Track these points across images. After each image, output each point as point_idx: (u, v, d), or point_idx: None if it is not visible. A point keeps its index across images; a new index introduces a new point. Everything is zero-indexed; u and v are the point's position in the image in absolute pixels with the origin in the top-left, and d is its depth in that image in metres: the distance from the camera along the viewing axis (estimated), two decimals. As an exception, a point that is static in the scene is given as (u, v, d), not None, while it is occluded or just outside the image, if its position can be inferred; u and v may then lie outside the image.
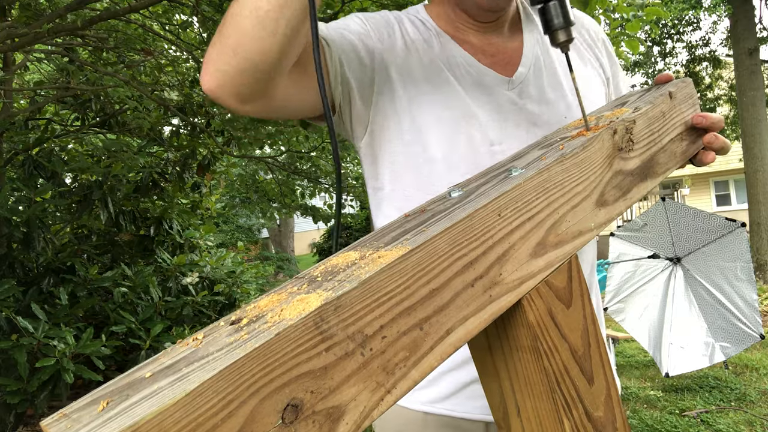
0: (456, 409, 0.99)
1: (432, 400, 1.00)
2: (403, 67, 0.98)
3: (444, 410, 0.99)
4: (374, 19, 1.02)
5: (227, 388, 0.34)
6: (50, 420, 0.33)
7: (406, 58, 0.99)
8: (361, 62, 0.95)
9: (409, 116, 0.96)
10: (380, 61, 0.97)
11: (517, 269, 0.55)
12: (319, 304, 0.40)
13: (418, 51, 1.00)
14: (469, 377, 0.98)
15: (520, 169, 0.61)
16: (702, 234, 4.35)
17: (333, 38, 0.93)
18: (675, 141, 0.79)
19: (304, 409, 0.38)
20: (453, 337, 0.49)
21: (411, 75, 0.98)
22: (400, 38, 1.01)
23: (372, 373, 0.42)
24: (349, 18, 1.01)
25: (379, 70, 0.97)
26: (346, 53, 0.93)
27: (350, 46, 0.94)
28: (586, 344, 0.62)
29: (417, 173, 0.97)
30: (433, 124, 0.96)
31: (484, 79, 0.98)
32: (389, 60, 0.98)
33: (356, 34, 0.97)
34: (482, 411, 0.98)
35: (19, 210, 3.78)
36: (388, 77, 0.97)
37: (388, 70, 0.97)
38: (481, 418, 0.98)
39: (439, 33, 1.03)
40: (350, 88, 0.95)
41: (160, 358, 0.38)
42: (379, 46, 0.98)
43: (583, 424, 0.60)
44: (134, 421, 0.31)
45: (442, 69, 0.98)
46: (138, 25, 4.41)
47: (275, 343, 0.37)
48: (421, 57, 0.99)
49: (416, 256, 0.47)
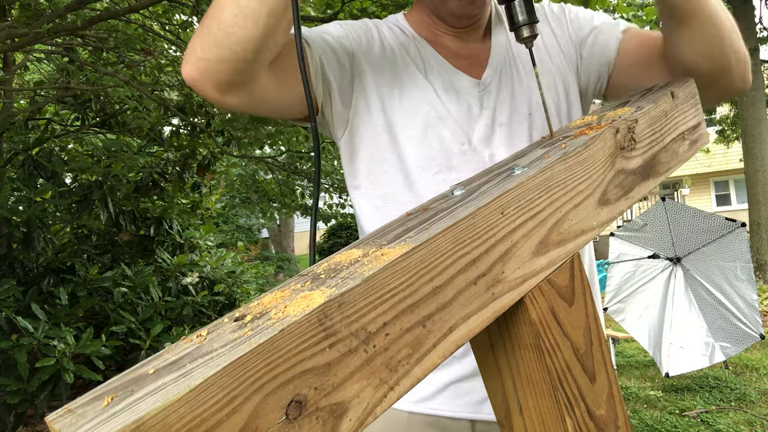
0: (440, 408, 0.99)
1: (416, 399, 1.00)
2: (378, 70, 1.02)
3: (428, 409, 1.00)
4: (353, 25, 1.06)
5: (231, 384, 0.34)
6: (55, 415, 0.33)
7: (382, 61, 1.03)
8: (340, 63, 0.99)
9: (383, 117, 1.00)
10: (357, 64, 1.01)
11: (520, 267, 0.55)
12: (323, 300, 0.40)
13: (395, 54, 1.04)
14: (453, 376, 0.99)
15: (522, 167, 0.61)
16: (702, 234, 4.36)
17: (313, 39, 0.96)
18: (677, 140, 0.79)
19: (307, 406, 0.38)
20: (456, 335, 0.49)
21: (386, 77, 1.02)
22: (378, 42, 1.05)
23: (375, 370, 0.42)
24: (328, 24, 1.05)
25: (356, 72, 1.01)
26: (326, 54, 0.97)
27: (330, 47, 0.98)
28: (588, 342, 0.62)
29: (392, 172, 1.01)
30: (406, 125, 1.00)
31: (455, 82, 1.03)
32: (366, 63, 1.02)
33: (335, 37, 1.00)
34: (467, 409, 0.99)
35: (19, 210, 3.78)
36: (364, 79, 1.01)
37: (364, 72, 1.01)
38: (466, 416, 0.99)
39: (416, 38, 1.07)
40: (331, 89, 0.98)
41: (164, 354, 0.38)
42: (356, 48, 1.02)
43: (585, 422, 0.60)
44: (139, 416, 0.31)
45: (416, 72, 1.03)
46: (138, 25, 4.41)
47: (279, 340, 0.37)
48: (396, 60, 1.03)
49: (419, 253, 0.47)
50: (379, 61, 1.03)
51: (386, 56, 1.04)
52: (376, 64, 1.02)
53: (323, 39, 0.98)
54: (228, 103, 0.86)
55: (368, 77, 1.01)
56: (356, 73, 1.01)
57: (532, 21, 0.82)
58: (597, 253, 13.14)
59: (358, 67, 1.01)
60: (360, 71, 1.01)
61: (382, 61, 1.03)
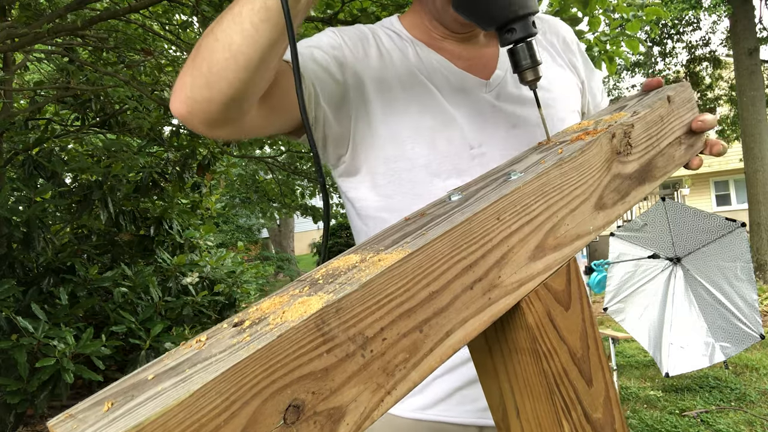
0: (446, 414, 0.98)
1: (422, 407, 0.99)
2: (378, 79, 0.99)
3: (434, 416, 0.98)
4: (348, 33, 1.03)
5: (230, 389, 0.35)
6: (56, 420, 0.34)
7: (382, 69, 1.00)
8: (334, 79, 0.95)
9: (385, 126, 0.97)
10: (353, 74, 0.98)
11: (516, 272, 0.56)
12: (321, 306, 0.41)
13: (394, 61, 1.01)
14: (459, 382, 0.97)
15: (519, 172, 0.61)
16: (702, 234, 4.36)
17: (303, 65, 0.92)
18: (673, 145, 0.80)
19: (305, 410, 0.38)
20: (452, 339, 0.49)
21: (387, 85, 0.98)
22: (375, 50, 1.02)
23: (372, 374, 0.43)
24: (322, 33, 1.02)
25: (353, 84, 0.97)
26: (319, 78, 0.93)
27: (321, 68, 0.94)
28: (585, 346, 0.63)
29: (398, 181, 0.98)
30: (412, 131, 0.96)
31: (462, 83, 1.00)
32: (364, 72, 0.98)
33: (328, 48, 0.97)
34: (474, 415, 0.97)
35: (19, 210, 3.78)
36: (363, 90, 0.98)
37: (362, 82, 0.98)
38: (473, 422, 0.97)
39: (413, 42, 1.04)
40: (325, 113, 0.95)
41: (163, 359, 0.39)
42: (351, 58, 0.99)
43: (582, 425, 0.61)
44: (139, 421, 0.32)
45: (418, 76, 0.99)
46: (138, 25, 4.42)
47: (277, 345, 0.38)
48: (396, 67, 1.00)
49: (416, 259, 0.47)
50: (378, 71, 0.99)
51: (385, 64, 1.00)
52: (375, 74, 0.99)
53: (314, 60, 0.94)
54: (218, 136, 0.86)
55: (367, 87, 0.98)
56: (352, 85, 0.97)
57: (535, 64, 0.83)
58: (597, 254, 13.13)
59: (354, 78, 0.98)
60: (357, 83, 0.98)
61: (381, 70, 1.00)
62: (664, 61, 14.85)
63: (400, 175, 0.97)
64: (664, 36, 14.21)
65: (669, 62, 14.87)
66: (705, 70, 14.70)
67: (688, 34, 14.27)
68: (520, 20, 0.81)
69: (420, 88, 0.99)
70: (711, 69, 14.60)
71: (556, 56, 1.11)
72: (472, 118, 0.98)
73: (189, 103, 0.78)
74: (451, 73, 1.01)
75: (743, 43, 9.77)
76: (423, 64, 1.01)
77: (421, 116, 0.97)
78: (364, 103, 0.97)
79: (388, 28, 1.07)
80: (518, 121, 1.00)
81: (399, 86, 0.99)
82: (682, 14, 12.24)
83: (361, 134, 0.98)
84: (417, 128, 0.97)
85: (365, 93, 0.98)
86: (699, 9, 11.54)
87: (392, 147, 0.97)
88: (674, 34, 14.20)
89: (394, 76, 0.99)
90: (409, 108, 0.97)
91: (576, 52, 1.15)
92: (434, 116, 0.97)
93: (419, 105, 0.97)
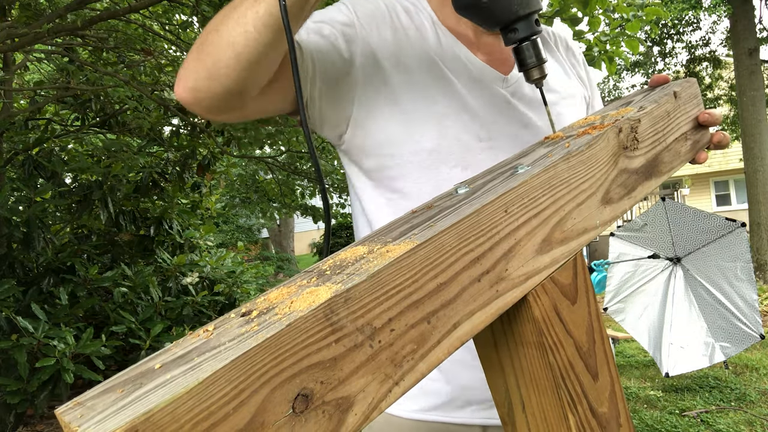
0: (449, 415, 0.97)
1: (423, 408, 0.97)
2: (392, 58, 0.96)
3: (437, 417, 0.97)
4: (363, 8, 0.99)
5: (239, 378, 0.35)
6: (65, 408, 0.34)
7: (397, 49, 0.96)
8: (340, 55, 0.93)
9: (397, 107, 0.94)
10: (364, 52, 0.94)
11: (523, 265, 0.55)
12: (329, 296, 0.40)
13: (410, 41, 0.97)
14: (463, 383, 0.96)
15: (526, 166, 0.61)
16: (702, 234, 4.36)
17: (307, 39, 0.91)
18: (679, 140, 0.80)
19: (314, 399, 0.38)
20: (460, 331, 0.49)
21: (402, 65, 0.96)
22: (389, 28, 0.98)
23: (380, 365, 0.43)
24: (334, 7, 0.99)
25: (362, 61, 0.94)
26: (322, 53, 0.91)
27: (328, 42, 0.92)
28: (591, 340, 0.62)
29: (403, 165, 0.95)
30: (423, 115, 0.94)
31: (480, 75, 0.98)
32: (377, 50, 0.95)
33: (338, 24, 0.94)
34: (478, 415, 0.96)
35: (19, 210, 3.78)
36: (375, 67, 0.94)
37: (375, 60, 0.94)
38: (477, 422, 0.97)
39: (436, 23, 1.01)
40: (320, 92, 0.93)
41: (171, 348, 0.38)
42: (363, 35, 0.95)
43: (587, 419, 0.61)
44: (148, 408, 0.31)
45: (435, 61, 0.97)
46: (138, 25, 4.41)
47: (286, 334, 0.37)
48: (413, 47, 0.97)
49: (424, 250, 0.47)
50: (392, 50, 0.96)
51: (401, 43, 0.97)
52: (389, 53, 0.95)
53: (321, 35, 0.92)
54: (220, 120, 0.89)
55: (380, 65, 0.94)
56: (361, 63, 0.94)
57: (540, 62, 0.83)
58: (597, 254, 13.14)
59: (365, 55, 0.94)
60: (367, 60, 0.94)
61: (396, 49, 0.96)
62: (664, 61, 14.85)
63: (405, 158, 0.95)
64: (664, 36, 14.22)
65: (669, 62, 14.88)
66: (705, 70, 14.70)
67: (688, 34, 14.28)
68: (523, 20, 0.81)
69: (436, 73, 0.96)
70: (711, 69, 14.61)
71: (567, 67, 1.13)
72: (487, 110, 0.97)
73: (193, 93, 0.80)
74: (471, 63, 0.99)
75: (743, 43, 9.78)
76: (443, 49, 0.99)
77: (435, 102, 0.95)
78: (375, 81, 0.95)
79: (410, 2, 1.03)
80: (530, 123, 0.99)
81: (416, 67, 0.96)
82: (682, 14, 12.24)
83: (365, 114, 0.95)
84: (430, 113, 0.94)
85: (377, 71, 0.95)
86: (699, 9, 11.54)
87: (402, 129, 0.94)
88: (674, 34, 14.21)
89: (410, 56, 0.97)
90: (424, 91, 0.95)
91: (582, 65, 1.18)
92: (449, 104, 0.95)
93: (434, 90, 0.95)
